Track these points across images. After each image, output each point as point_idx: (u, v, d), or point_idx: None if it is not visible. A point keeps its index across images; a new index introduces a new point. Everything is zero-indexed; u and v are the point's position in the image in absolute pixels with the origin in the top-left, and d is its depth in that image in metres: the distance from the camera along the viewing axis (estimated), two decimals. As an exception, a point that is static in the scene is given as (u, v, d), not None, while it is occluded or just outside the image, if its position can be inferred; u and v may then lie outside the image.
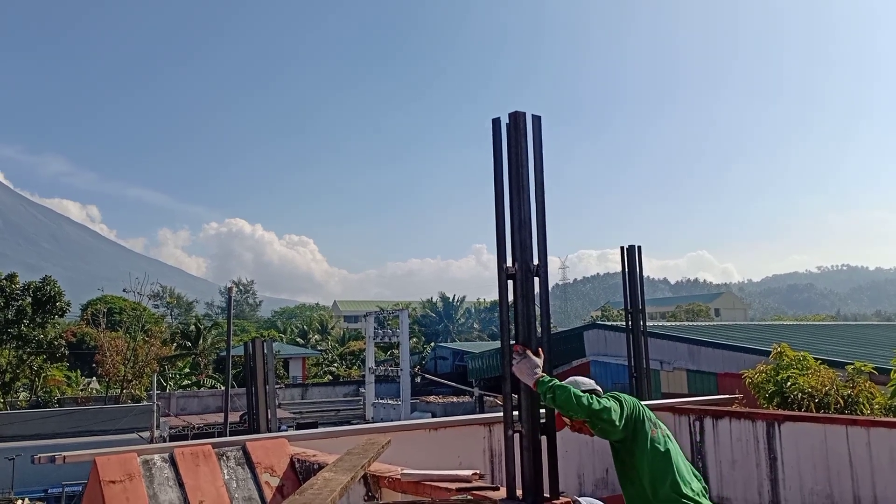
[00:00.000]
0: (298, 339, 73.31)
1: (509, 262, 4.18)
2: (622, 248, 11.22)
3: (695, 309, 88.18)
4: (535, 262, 4.16)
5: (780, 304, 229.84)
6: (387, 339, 39.63)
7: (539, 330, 4.10)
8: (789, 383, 10.21)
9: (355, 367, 59.08)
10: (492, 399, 32.44)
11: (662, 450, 4.10)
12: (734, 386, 13.86)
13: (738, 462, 7.26)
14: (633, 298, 11.07)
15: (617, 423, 4.00)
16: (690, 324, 38.73)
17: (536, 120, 4.37)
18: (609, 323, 38.14)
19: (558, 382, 3.87)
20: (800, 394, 9.93)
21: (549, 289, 4.36)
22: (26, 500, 24.54)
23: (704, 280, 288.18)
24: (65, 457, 5.47)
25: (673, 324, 36.40)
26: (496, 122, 4.39)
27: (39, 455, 5.82)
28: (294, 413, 36.18)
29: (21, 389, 38.43)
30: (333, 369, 59.06)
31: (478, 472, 4.07)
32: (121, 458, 4.81)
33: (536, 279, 4.15)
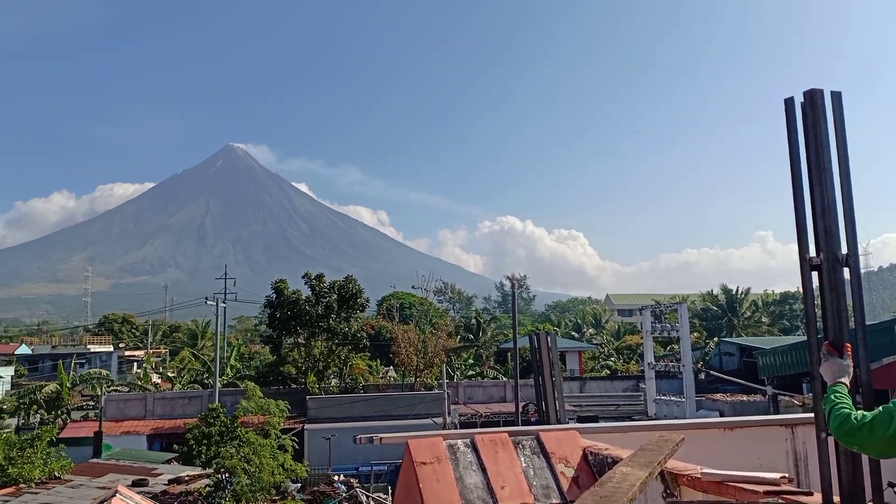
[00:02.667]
0: (573, 333, 73.88)
1: (812, 252, 3.89)
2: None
3: None
4: (844, 251, 3.83)
5: None
6: (665, 334, 38.39)
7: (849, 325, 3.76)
8: None
9: (633, 362, 58.03)
10: (788, 398, 29.89)
11: None
12: None
13: None
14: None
15: (873, 449, 3.24)
16: None
17: (836, 97, 4.02)
18: (928, 315, 33.13)
19: (838, 394, 3.44)
20: None
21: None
22: (341, 475, 27.80)
23: None
24: (381, 438, 6.16)
25: None
26: (789, 102, 4.11)
27: (360, 436, 6.62)
28: (574, 406, 36.53)
29: (332, 376, 43.23)
30: (610, 363, 58.58)
31: (786, 475, 3.85)
32: (429, 442, 5.29)
33: (846, 269, 3.81)
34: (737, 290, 76.46)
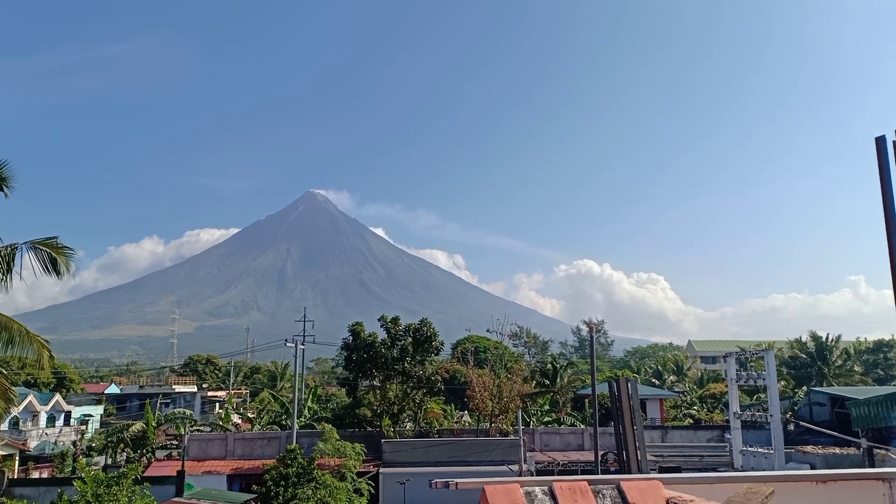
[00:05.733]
0: (653, 380, 71.86)
1: (910, 297, 3.72)
2: None
3: None
4: (945, 295, 3.64)
5: None
6: (751, 382, 36.78)
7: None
8: None
9: (717, 411, 55.85)
10: (884, 452, 28.12)
11: None
12: None
13: None
14: None
15: None
16: None
17: (933, 134, 3.87)
18: None
19: None
20: None
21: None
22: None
23: None
24: (457, 483, 6.10)
25: None
26: (881, 141, 3.99)
27: (436, 480, 6.57)
28: (655, 456, 35.31)
29: (406, 420, 43.10)
30: (693, 412, 56.53)
31: (886, 533, 3.62)
32: (506, 489, 5.21)
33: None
34: (827, 337, 72.91)
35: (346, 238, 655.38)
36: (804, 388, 58.46)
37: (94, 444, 45.59)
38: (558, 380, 53.52)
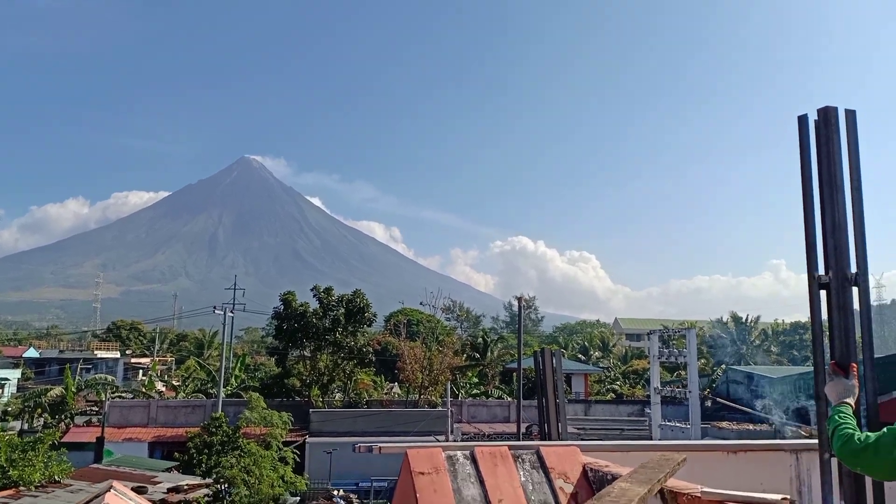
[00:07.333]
0: (580, 356, 73.46)
1: (821, 271, 3.84)
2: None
3: None
4: (854, 269, 3.77)
5: None
6: (672, 359, 37.95)
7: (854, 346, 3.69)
8: None
9: (639, 387, 57.59)
10: (795, 429, 29.54)
11: None
12: None
13: None
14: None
15: (877, 471, 3.22)
16: None
17: (850, 115, 3.99)
18: (941, 350, 32.79)
19: (843, 414, 3.36)
20: None
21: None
22: (341, 490, 27.61)
23: None
24: (381, 447, 6.08)
25: None
26: (803, 120, 4.09)
27: (360, 444, 6.54)
28: (578, 429, 36.21)
29: (336, 391, 43.05)
30: (616, 387, 58.16)
31: (787, 497, 3.76)
32: (428, 452, 5.20)
33: (855, 289, 3.75)
34: (747, 318, 76.06)
35: (282, 206, 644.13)
36: (723, 366, 60.81)
37: (9, 409, 43.95)
38: (488, 353, 54.18)
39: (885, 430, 3.22)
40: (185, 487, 21.57)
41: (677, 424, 32.70)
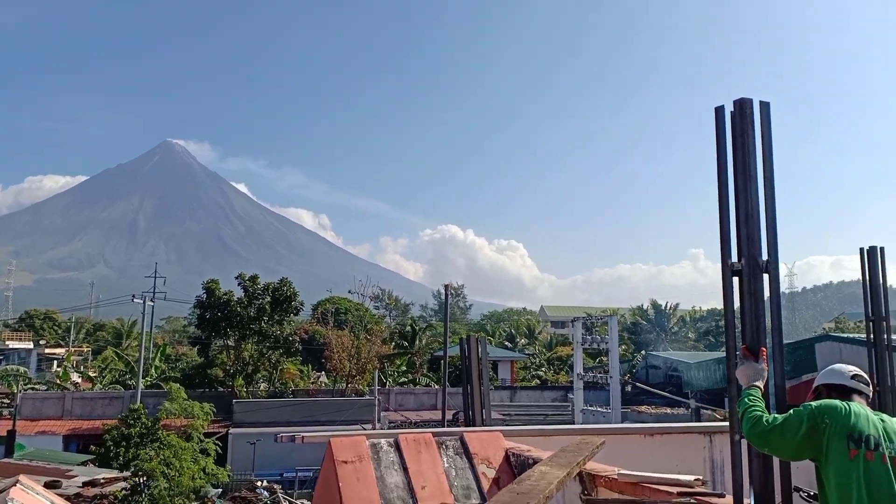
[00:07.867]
0: (506, 343, 74.40)
1: (734, 258, 3.96)
2: (861, 249, 10.14)
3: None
4: (764, 257, 3.90)
5: None
6: (595, 346, 38.96)
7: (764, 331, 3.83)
8: None
9: (563, 373, 58.76)
10: (710, 412, 30.72)
11: (858, 477, 3.13)
12: None
13: None
14: (876, 307, 9.93)
15: (784, 451, 3.32)
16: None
17: (765, 107, 4.11)
18: (845, 335, 34.65)
19: (752, 397, 3.49)
20: None
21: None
22: (264, 481, 27.20)
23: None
24: (303, 437, 6.01)
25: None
26: (719, 111, 4.19)
27: (282, 434, 6.44)
28: (503, 415, 36.72)
29: (261, 381, 42.36)
30: (541, 373, 59.18)
31: (700, 477, 3.88)
32: (352, 441, 5.17)
33: (766, 276, 3.88)
34: (666, 306, 78.52)
35: (206, 192, 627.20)
36: (643, 352, 62.71)
37: None
38: (417, 342, 54.25)
39: (791, 412, 3.35)
40: (102, 481, 20.86)
41: (599, 409, 33.57)
